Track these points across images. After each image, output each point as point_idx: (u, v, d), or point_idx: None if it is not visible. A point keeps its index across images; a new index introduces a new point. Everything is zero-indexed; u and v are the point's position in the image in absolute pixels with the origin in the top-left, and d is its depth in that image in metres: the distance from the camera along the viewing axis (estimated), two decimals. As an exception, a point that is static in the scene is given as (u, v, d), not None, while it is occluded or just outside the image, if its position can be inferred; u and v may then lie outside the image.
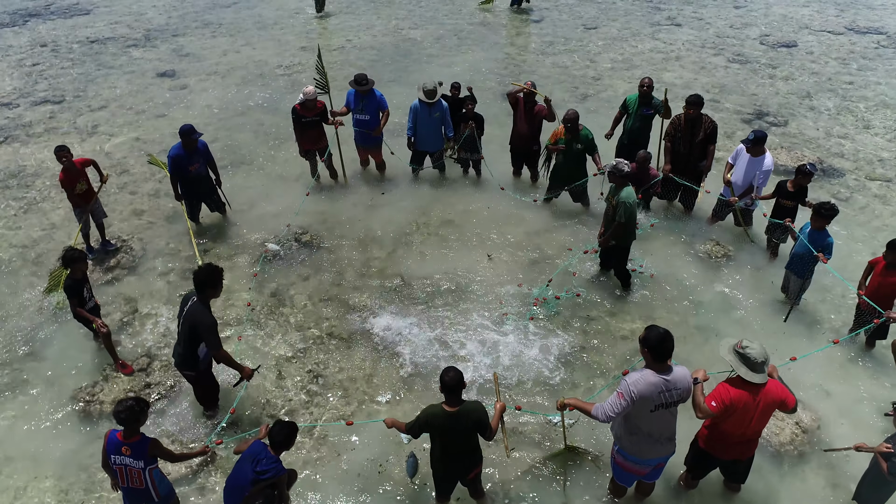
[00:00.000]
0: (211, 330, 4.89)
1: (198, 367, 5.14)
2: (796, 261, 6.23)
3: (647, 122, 8.07)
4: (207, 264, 5.01)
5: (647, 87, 7.78)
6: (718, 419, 4.26)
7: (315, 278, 7.15)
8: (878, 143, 9.59)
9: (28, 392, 5.86)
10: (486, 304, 6.68)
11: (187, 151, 7.23)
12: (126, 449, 4.03)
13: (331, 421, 5.46)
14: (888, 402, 5.43)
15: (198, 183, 7.53)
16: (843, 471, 4.97)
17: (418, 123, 8.19)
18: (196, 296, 4.96)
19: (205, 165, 7.48)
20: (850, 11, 15.13)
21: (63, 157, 6.69)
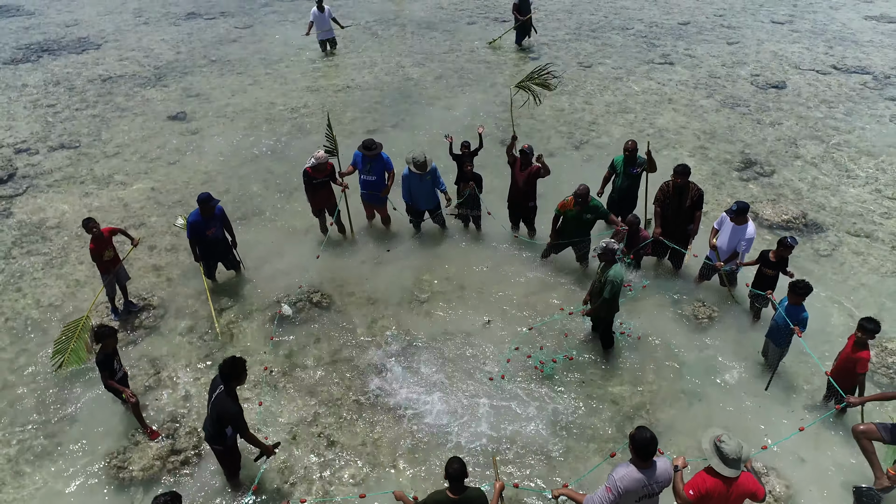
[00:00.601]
0: (237, 417, 5.36)
1: (226, 443, 5.62)
2: (775, 331, 6.71)
3: (636, 180, 8.60)
4: (231, 357, 5.40)
5: (631, 151, 8.32)
6: (697, 506, 4.75)
7: (326, 340, 7.63)
8: (858, 196, 10.07)
9: (63, 456, 6.34)
10: (486, 366, 7.15)
11: (205, 218, 7.71)
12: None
13: (344, 490, 5.93)
14: (857, 471, 5.91)
15: (214, 245, 8.01)
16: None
17: (411, 188, 8.68)
18: (223, 385, 5.43)
19: (221, 229, 7.95)
20: (838, 48, 15.60)
21: (93, 229, 7.17)
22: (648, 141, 8.89)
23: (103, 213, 9.97)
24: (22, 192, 10.59)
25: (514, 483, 5.75)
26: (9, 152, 11.71)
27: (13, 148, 11.85)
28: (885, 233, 9.25)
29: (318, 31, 15.14)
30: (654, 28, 17.14)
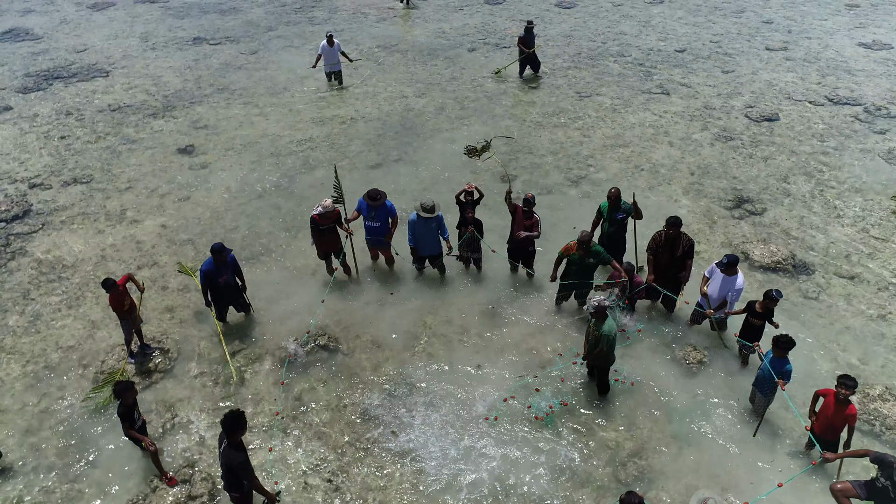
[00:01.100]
0: (244, 466, 5.76)
1: (242, 491, 6.00)
2: (761, 381, 7.07)
3: (621, 225, 9.01)
4: (231, 412, 5.80)
5: (614, 197, 8.76)
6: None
7: (333, 382, 8.00)
8: (847, 236, 10.42)
9: (85, 502, 6.69)
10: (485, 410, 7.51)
11: (217, 266, 8.08)
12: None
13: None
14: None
15: (226, 291, 8.38)
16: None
17: (417, 233, 9.03)
18: (226, 439, 5.81)
19: (233, 276, 8.32)
20: (830, 77, 15.96)
21: (112, 289, 7.53)
22: (634, 192, 9.29)
23: (116, 252, 10.34)
24: (37, 229, 10.95)
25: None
26: (24, 187, 12.08)
27: (28, 182, 12.22)
28: (871, 274, 9.61)
29: (326, 63, 15.47)
30: (651, 55, 17.50)
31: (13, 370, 8.25)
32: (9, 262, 10.18)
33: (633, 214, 8.93)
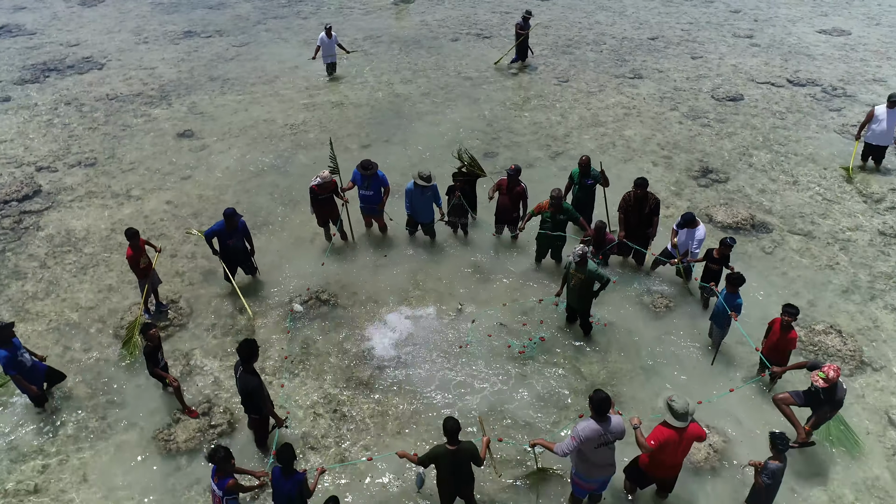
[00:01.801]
0: (258, 389, 6.55)
1: (262, 413, 6.76)
2: (717, 315, 7.95)
3: (590, 190, 9.89)
4: (244, 340, 6.62)
5: (584, 164, 9.64)
6: (656, 452, 5.95)
7: (333, 333, 8.76)
8: (801, 199, 11.38)
9: (115, 433, 7.41)
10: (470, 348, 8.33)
11: (228, 230, 8.81)
12: (216, 479, 5.67)
13: (356, 454, 7.07)
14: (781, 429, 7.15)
15: (234, 253, 9.11)
16: (742, 482, 6.68)
17: (413, 201, 9.82)
18: (242, 365, 6.58)
19: (241, 240, 9.05)
20: (793, 61, 16.99)
21: (133, 239, 8.25)
22: (601, 162, 10.19)
23: (125, 226, 10.92)
24: (47, 207, 11.59)
25: (499, 438, 6.94)
26: (31, 170, 12.69)
27: (34, 166, 12.83)
28: (821, 231, 10.56)
29: (325, 55, 16.09)
30: (625, 42, 18.45)
31: (38, 327, 8.92)
32: (23, 236, 10.82)
33: (601, 181, 9.80)
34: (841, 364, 8.05)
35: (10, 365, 7.10)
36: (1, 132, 14.15)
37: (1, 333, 7.04)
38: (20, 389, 7.45)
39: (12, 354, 7.10)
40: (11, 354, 7.09)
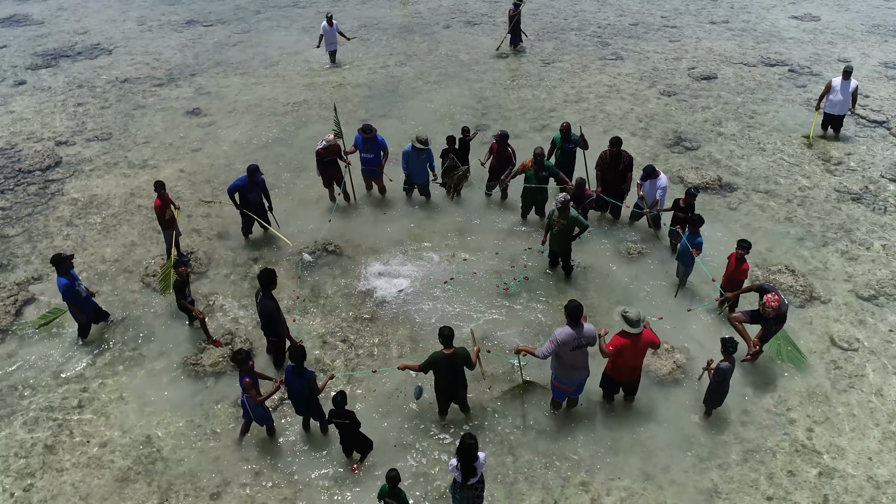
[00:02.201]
0: (276, 312, 7.51)
1: (279, 335, 7.70)
2: (681, 254, 8.95)
3: (571, 154, 10.84)
4: (264, 269, 7.58)
5: (565, 130, 10.58)
6: (615, 357, 6.93)
7: (339, 278, 9.70)
8: (766, 163, 12.40)
9: (148, 361, 8.33)
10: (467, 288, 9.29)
11: (250, 184, 9.74)
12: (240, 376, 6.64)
13: (362, 369, 8.03)
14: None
15: (253, 207, 10.03)
16: (699, 388, 7.66)
17: (410, 163, 10.77)
18: (262, 291, 7.52)
19: (259, 195, 9.98)
20: (765, 44, 18.04)
21: (160, 189, 9.17)
22: (581, 126, 11.18)
23: (142, 191, 11.90)
24: (69, 175, 12.47)
25: (488, 349, 7.91)
26: (50, 144, 13.55)
27: (54, 140, 13.69)
28: (782, 189, 11.59)
29: (327, 43, 16.84)
30: (608, 28, 19.46)
31: (69, 277, 9.81)
32: (49, 200, 11.70)
33: (580, 144, 10.77)
34: (792, 297, 9.06)
35: (68, 293, 8.03)
36: (20, 112, 15.00)
37: (62, 264, 7.99)
38: (73, 316, 8.37)
39: (71, 283, 8.03)
40: (70, 283, 8.02)
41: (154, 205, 9.32)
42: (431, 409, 7.54)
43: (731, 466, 7.04)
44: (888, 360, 8.20)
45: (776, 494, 6.76)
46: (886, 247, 10.13)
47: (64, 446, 7.39)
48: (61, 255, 8.10)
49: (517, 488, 6.87)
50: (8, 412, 7.79)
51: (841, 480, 6.89)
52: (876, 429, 7.40)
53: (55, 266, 8.08)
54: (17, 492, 6.93)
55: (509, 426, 7.47)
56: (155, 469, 7.13)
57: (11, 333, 8.83)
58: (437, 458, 7.15)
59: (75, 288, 8.13)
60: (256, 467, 7.09)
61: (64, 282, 7.99)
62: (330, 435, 7.33)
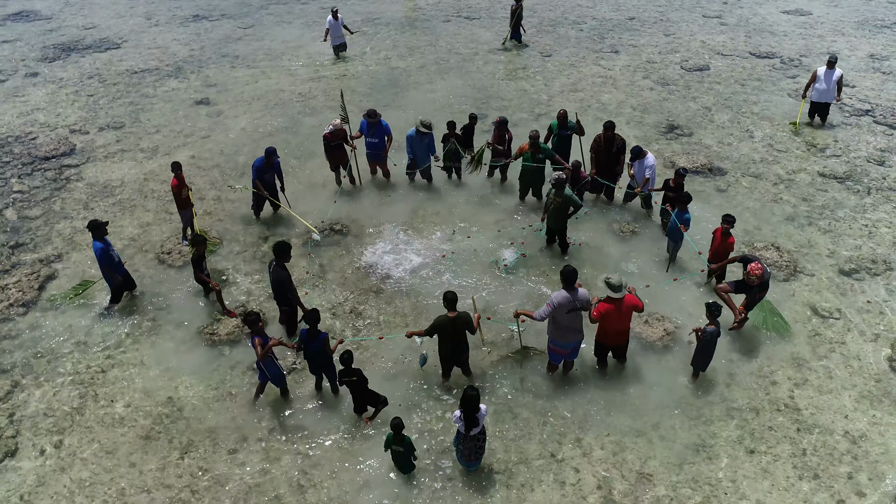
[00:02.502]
0: (287, 281, 7.98)
1: (291, 304, 8.17)
2: (671, 231, 9.43)
3: (567, 140, 11.29)
4: (278, 241, 8.05)
5: (562, 116, 11.04)
6: (602, 322, 7.41)
7: (347, 255, 10.18)
8: (755, 149, 12.89)
9: (166, 331, 8.80)
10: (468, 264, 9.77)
11: (266, 165, 10.22)
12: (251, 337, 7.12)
13: (369, 335, 8.51)
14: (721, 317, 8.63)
15: (267, 187, 10.52)
16: (687, 353, 8.14)
17: (414, 147, 11.24)
18: (275, 261, 7.99)
19: (273, 176, 10.46)
20: (756, 37, 18.54)
21: (178, 170, 9.65)
22: (577, 113, 11.66)
23: (155, 175, 12.37)
24: (84, 161, 12.93)
25: (488, 317, 8.38)
26: (65, 132, 14.01)
27: (67, 129, 14.15)
28: (770, 174, 12.08)
29: (333, 37, 17.24)
30: (604, 23, 19.95)
31: (88, 255, 10.25)
32: (66, 184, 12.16)
33: (576, 131, 11.23)
34: (777, 272, 9.54)
35: (103, 257, 8.58)
36: (33, 102, 15.46)
37: (98, 229, 8.56)
38: (106, 279, 8.90)
39: (105, 248, 8.60)
40: (105, 247, 8.59)
41: (171, 184, 9.78)
42: (435, 373, 8.01)
43: (716, 423, 7.52)
44: (866, 328, 8.69)
45: (758, 448, 7.24)
46: (868, 226, 10.63)
47: (90, 407, 7.86)
48: (98, 221, 8.67)
49: (516, 444, 7.34)
50: (35, 377, 8.25)
51: (819, 435, 7.37)
52: (853, 389, 7.89)
53: (91, 231, 8.65)
54: (48, 448, 7.40)
55: (508, 388, 7.94)
56: (176, 427, 7.60)
57: (36, 306, 9.29)
58: (440, 416, 7.62)
59: (109, 252, 8.68)
60: (271, 424, 7.56)
61: (99, 246, 8.55)
62: (341, 395, 7.81)
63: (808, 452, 7.19)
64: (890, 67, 16.28)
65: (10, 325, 9.00)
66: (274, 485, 6.97)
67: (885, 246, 10.15)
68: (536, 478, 6.98)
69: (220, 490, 6.93)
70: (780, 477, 6.94)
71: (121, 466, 7.19)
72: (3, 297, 9.40)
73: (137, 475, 7.09)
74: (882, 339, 8.52)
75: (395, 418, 6.50)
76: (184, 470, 7.13)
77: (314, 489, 6.91)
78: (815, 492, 6.80)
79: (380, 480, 6.96)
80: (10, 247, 10.47)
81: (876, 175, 11.93)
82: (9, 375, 8.29)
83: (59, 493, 6.94)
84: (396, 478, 6.97)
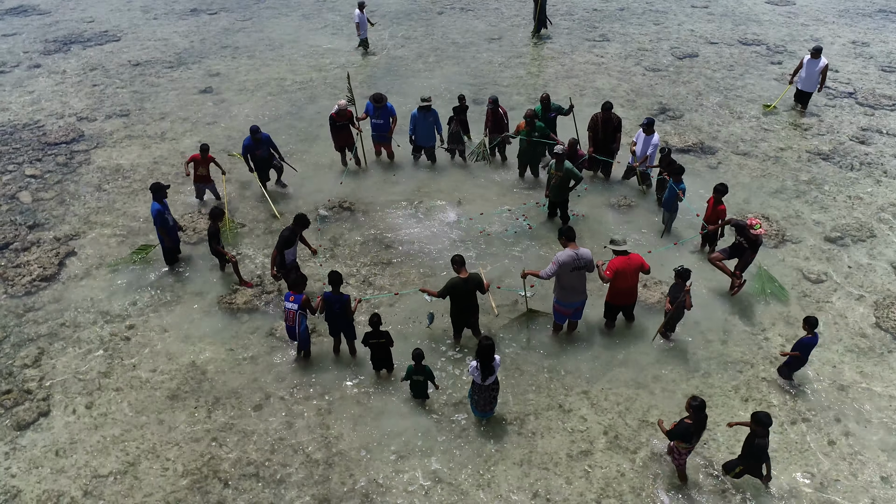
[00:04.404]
0: (279, 239, 8.43)
1: (285, 268, 8.57)
2: (667, 202, 9.92)
3: (552, 122, 11.74)
4: (301, 214, 8.49)
5: (545, 100, 11.50)
6: (614, 280, 7.86)
7: (356, 230, 10.58)
8: (743, 129, 13.42)
9: (186, 301, 9.17)
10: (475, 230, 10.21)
11: (254, 142, 10.64)
12: (292, 298, 7.49)
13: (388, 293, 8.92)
14: (719, 280, 9.12)
15: (262, 162, 11.03)
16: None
17: (417, 126, 11.64)
18: (290, 227, 8.40)
19: (267, 150, 10.91)
20: (742, 26, 19.11)
21: (203, 149, 10.29)
22: (570, 98, 12.17)
23: (165, 159, 12.70)
24: (93, 147, 13.22)
25: (497, 286, 8.82)
26: (72, 120, 14.29)
27: (75, 117, 14.43)
28: (759, 151, 12.60)
29: (361, 30, 17.33)
30: (595, 13, 20.45)
31: (105, 233, 10.60)
32: (77, 168, 12.46)
33: (563, 112, 11.68)
34: (767, 240, 10.05)
35: (158, 218, 9.09)
36: (38, 92, 15.71)
37: (159, 192, 9.09)
38: (160, 240, 9.44)
39: (162, 209, 9.10)
40: (161, 209, 9.09)
41: (192, 156, 10.30)
42: (444, 334, 8.42)
43: (713, 375, 8.00)
44: (852, 289, 9.21)
45: (752, 396, 7.73)
46: (852, 197, 11.17)
47: (116, 371, 8.21)
48: (159, 184, 9.23)
49: (526, 397, 7.78)
50: (62, 346, 8.59)
51: (809, 385, 7.87)
52: (839, 343, 8.41)
53: (153, 193, 9.18)
54: (80, 408, 7.75)
55: (517, 348, 8.38)
56: (201, 388, 7.97)
57: (58, 280, 9.62)
58: (451, 372, 8.05)
59: (164, 215, 9.17)
60: (293, 383, 7.95)
61: (157, 207, 9.09)
62: (358, 357, 8.20)
63: (799, 400, 7.68)
64: (870, 53, 16.90)
65: (35, 298, 9.32)
66: (298, 437, 7.35)
67: (867, 216, 10.69)
68: (546, 426, 7.42)
69: (247, 442, 7.31)
70: (775, 421, 7.41)
71: (151, 424, 7.55)
72: (25, 272, 9.71)
73: (167, 431, 7.46)
74: (866, 299, 9.04)
75: (416, 349, 6.99)
76: (211, 425, 7.50)
77: (336, 440, 7.30)
78: (806, 433, 7.29)
79: (400, 432, 7.37)
80: (27, 226, 10.77)
81: (859, 152, 12.49)
82: (35, 343, 8.62)
83: (94, 447, 7.29)
84: (416, 429, 7.37)
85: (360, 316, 8.68)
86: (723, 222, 9.15)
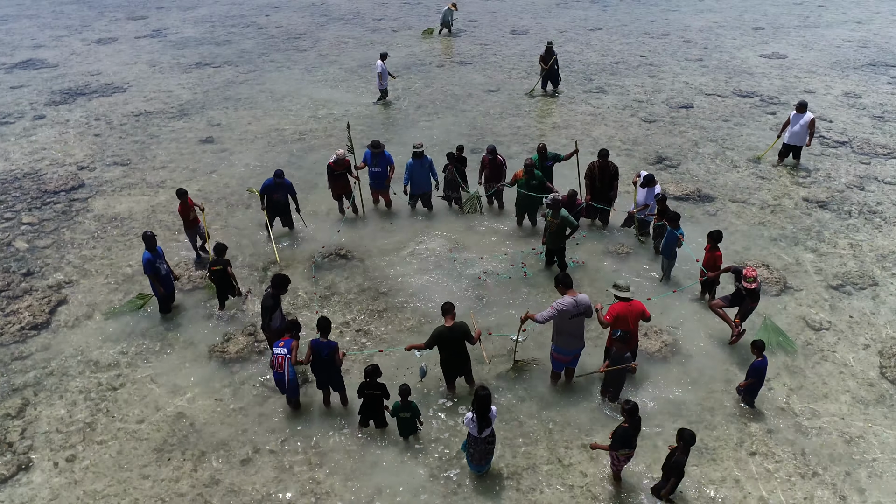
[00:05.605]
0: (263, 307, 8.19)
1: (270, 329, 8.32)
2: (665, 248, 9.85)
3: (549, 171, 11.80)
4: (280, 274, 8.35)
5: (541, 149, 11.57)
6: (614, 324, 7.68)
7: (352, 278, 10.47)
8: (741, 177, 13.48)
9: (176, 351, 8.98)
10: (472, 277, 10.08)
11: (275, 185, 10.69)
12: (281, 343, 7.32)
13: (373, 349, 8.72)
14: (719, 329, 8.95)
15: (278, 206, 11.08)
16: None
17: (413, 173, 11.69)
18: (269, 291, 8.23)
19: (285, 195, 10.93)
20: (736, 78, 19.48)
21: (182, 196, 10.05)
22: (576, 141, 12.26)
23: (163, 207, 12.71)
24: (92, 195, 13.27)
25: (489, 332, 8.64)
26: (73, 169, 14.40)
27: (76, 165, 14.54)
28: (756, 199, 12.61)
29: (383, 80, 17.61)
30: (591, 67, 20.88)
31: (99, 281, 10.51)
32: (75, 216, 12.46)
33: (560, 159, 11.76)
34: (768, 288, 9.92)
35: (149, 267, 9.01)
36: (41, 141, 15.89)
37: (149, 241, 9.05)
38: (152, 289, 9.36)
39: (153, 258, 9.02)
40: (152, 258, 9.01)
41: (178, 209, 10.20)
42: (436, 386, 8.21)
43: (718, 427, 7.74)
44: (854, 338, 9.03)
45: (759, 449, 7.45)
46: (852, 244, 11.10)
47: (102, 423, 7.96)
48: (149, 233, 9.17)
49: (524, 450, 7.51)
50: (47, 395, 8.37)
51: (817, 437, 7.60)
52: (846, 394, 8.17)
53: (144, 241, 9.17)
54: (61, 462, 7.48)
55: (513, 398, 8.15)
56: (188, 440, 7.71)
57: (48, 329, 9.47)
58: (445, 423, 7.80)
59: (156, 264, 9.11)
60: (282, 436, 7.70)
61: (147, 256, 9.04)
62: (350, 406, 7.97)
63: (808, 453, 7.40)
64: (863, 104, 17.14)
65: (23, 347, 9.15)
66: (287, 493, 7.06)
67: (868, 263, 10.60)
68: (545, 481, 7.13)
69: (233, 499, 7.01)
70: (783, 475, 7.13)
71: (134, 478, 7.27)
72: (15, 321, 9.57)
73: (150, 486, 7.17)
74: (871, 348, 8.85)
75: (403, 385, 6.80)
76: (197, 480, 7.22)
77: (327, 496, 7.01)
78: (816, 488, 6.99)
79: (393, 489, 7.08)
80: (21, 274, 10.69)
81: (857, 199, 12.49)
82: (20, 393, 8.41)
83: (74, 503, 6.99)
84: (410, 486, 7.08)
85: (351, 364, 8.50)
86: (721, 269, 9.05)
